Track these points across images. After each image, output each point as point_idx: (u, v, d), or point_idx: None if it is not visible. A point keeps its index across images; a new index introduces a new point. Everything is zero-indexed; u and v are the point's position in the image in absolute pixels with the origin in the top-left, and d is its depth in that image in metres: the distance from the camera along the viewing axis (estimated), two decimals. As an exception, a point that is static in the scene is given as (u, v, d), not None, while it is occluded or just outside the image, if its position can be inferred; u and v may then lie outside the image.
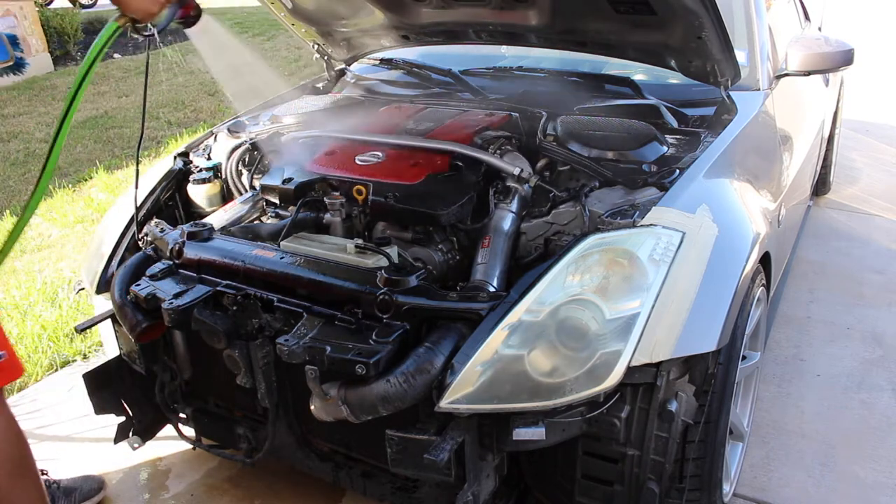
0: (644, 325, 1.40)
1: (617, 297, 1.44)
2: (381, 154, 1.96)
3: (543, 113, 2.07)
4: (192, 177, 2.24)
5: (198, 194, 2.22)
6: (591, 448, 1.53)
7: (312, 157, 2.07)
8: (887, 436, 2.25)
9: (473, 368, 1.39)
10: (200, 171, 2.25)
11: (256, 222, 2.09)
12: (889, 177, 4.51)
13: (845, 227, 3.78)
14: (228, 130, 2.37)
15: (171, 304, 1.63)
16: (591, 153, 1.85)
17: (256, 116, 2.45)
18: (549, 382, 1.38)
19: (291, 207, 1.96)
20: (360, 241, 1.70)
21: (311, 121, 2.31)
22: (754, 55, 2.36)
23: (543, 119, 2.04)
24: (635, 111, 2.12)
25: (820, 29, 4.41)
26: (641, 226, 1.56)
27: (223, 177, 2.25)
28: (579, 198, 1.75)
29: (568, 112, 2.11)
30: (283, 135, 2.25)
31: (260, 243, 1.81)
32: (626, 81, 2.33)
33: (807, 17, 3.91)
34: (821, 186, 4.05)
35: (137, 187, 2.01)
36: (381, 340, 1.44)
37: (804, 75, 2.43)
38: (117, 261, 2.00)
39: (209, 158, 2.30)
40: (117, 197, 3.25)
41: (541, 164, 1.93)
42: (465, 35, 2.36)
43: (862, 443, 2.22)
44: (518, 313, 1.43)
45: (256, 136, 2.29)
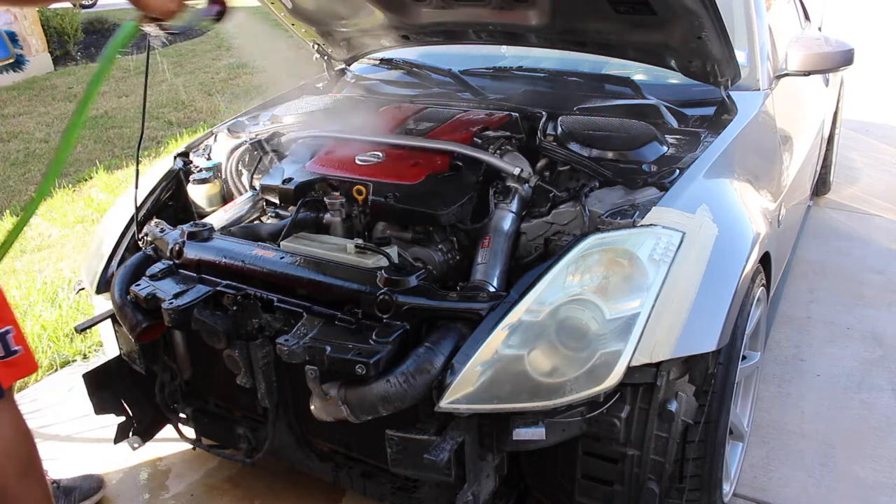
0: (644, 325, 1.40)
1: (617, 297, 1.44)
2: (381, 154, 1.97)
3: (543, 113, 2.07)
4: (192, 177, 2.24)
5: (198, 194, 2.22)
6: (591, 448, 1.53)
7: (312, 157, 2.07)
8: (887, 436, 2.25)
9: (473, 368, 1.39)
10: (200, 171, 2.25)
11: (256, 222, 2.09)
12: (889, 177, 4.51)
13: (845, 227, 3.78)
14: (228, 130, 2.37)
15: (171, 304, 1.63)
16: (591, 153, 1.85)
17: (256, 116, 2.45)
18: (549, 382, 1.38)
19: (291, 207, 1.96)
20: (360, 241, 1.70)
21: (311, 121, 2.31)
22: (754, 55, 2.36)
23: (543, 119, 2.04)
24: (635, 111, 2.12)
25: (820, 29, 4.41)
26: (641, 226, 1.56)
27: (223, 177, 2.25)
28: (579, 198, 1.75)
29: (568, 112, 2.12)
30: (283, 135, 2.26)
31: (260, 243, 1.81)
32: (626, 81, 2.33)
33: (807, 17, 3.90)
34: (821, 186, 4.05)
35: (137, 187, 2.01)
36: (381, 340, 1.44)
37: (804, 75, 2.43)
38: (117, 261, 2.01)
39: (209, 158, 2.30)
40: (117, 197, 3.25)
41: (541, 164, 1.93)
42: (465, 35, 2.35)
43: (862, 443, 2.22)
44: (518, 313, 1.43)
45: (256, 136, 2.29)
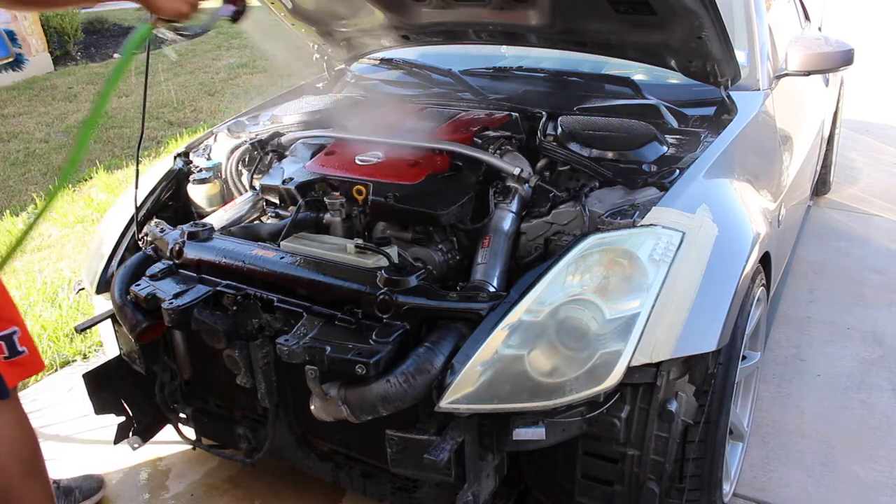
0: (644, 325, 1.40)
1: (617, 297, 1.44)
2: (381, 154, 1.97)
3: (543, 113, 2.08)
4: (192, 177, 2.24)
5: (198, 194, 2.22)
6: (591, 448, 1.53)
7: (312, 157, 2.07)
8: (887, 436, 2.25)
9: (473, 368, 1.39)
10: (200, 171, 2.25)
11: (256, 222, 2.09)
12: (889, 177, 4.50)
13: (845, 227, 3.78)
14: (228, 130, 2.37)
15: (171, 304, 1.63)
16: (591, 153, 1.85)
17: (256, 116, 2.45)
18: (549, 382, 1.38)
19: (291, 207, 1.97)
20: (360, 241, 1.70)
21: (311, 121, 2.31)
22: (754, 55, 2.36)
23: (543, 119, 2.04)
24: (635, 111, 2.12)
25: (820, 29, 4.41)
26: (641, 226, 1.56)
27: (223, 177, 2.25)
28: (579, 198, 1.75)
29: (568, 112, 2.12)
30: (283, 135, 2.26)
31: (260, 243, 1.81)
32: (626, 81, 2.33)
33: (807, 17, 3.90)
34: (821, 186, 4.05)
35: (137, 187, 2.01)
36: (381, 340, 1.44)
37: (804, 75, 2.43)
38: (117, 261, 2.01)
39: (209, 158, 2.30)
40: (117, 197, 3.25)
41: (541, 164, 1.93)
42: (465, 35, 2.35)
43: (862, 443, 2.22)
44: (518, 313, 1.43)
45: (256, 136, 2.29)
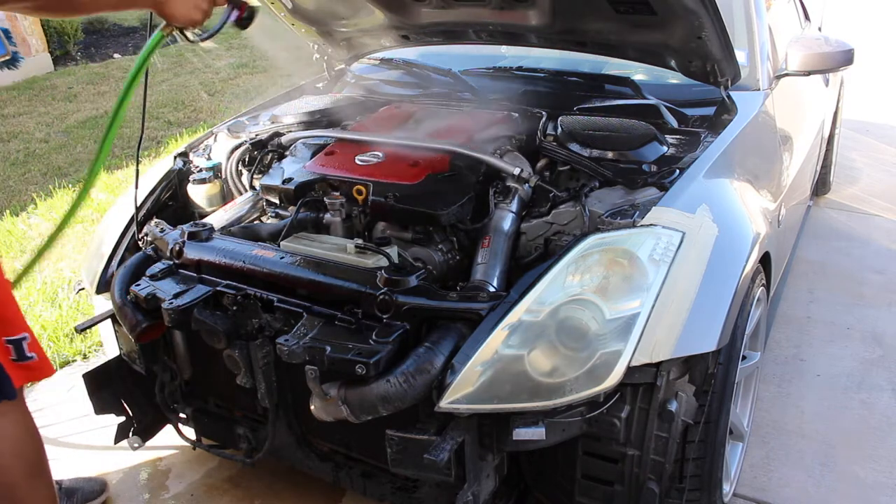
0: (644, 325, 1.40)
1: (617, 297, 1.44)
2: (381, 154, 1.96)
3: (543, 113, 2.07)
4: (192, 177, 2.24)
5: (198, 194, 2.22)
6: (591, 448, 1.53)
7: (312, 157, 2.07)
8: (887, 436, 2.25)
9: (473, 368, 1.39)
10: (200, 171, 2.25)
11: (256, 222, 2.09)
12: (889, 177, 4.50)
13: (845, 227, 3.78)
14: (228, 130, 2.37)
15: (171, 304, 1.63)
16: (591, 153, 1.85)
17: (256, 116, 2.45)
18: (549, 382, 1.38)
19: (291, 207, 1.96)
20: (360, 241, 1.70)
21: (311, 121, 2.31)
22: (754, 55, 2.36)
23: (543, 119, 2.04)
24: (635, 111, 2.12)
25: (820, 29, 4.41)
26: (641, 226, 1.56)
27: (223, 177, 2.25)
28: (579, 198, 1.75)
29: (568, 112, 2.12)
30: (283, 135, 2.26)
31: (260, 243, 1.81)
32: (626, 81, 2.33)
33: (807, 17, 3.90)
34: (821, 186, 4.05)
35: (137, 187, 2.01)
36: (381, 340, 1.44)
37: (804, 75, 2.43)
38: (117, 261, 2.01)
39: (209, 158, 2.30)
40: (117, 197, 3.25)
41: (541, 164, 1.93)
42: (465, 35, 2.35)
43: (862, 443, 2.22)
44: (518, 313, 1.43)
45: (256, 136, 2.29)
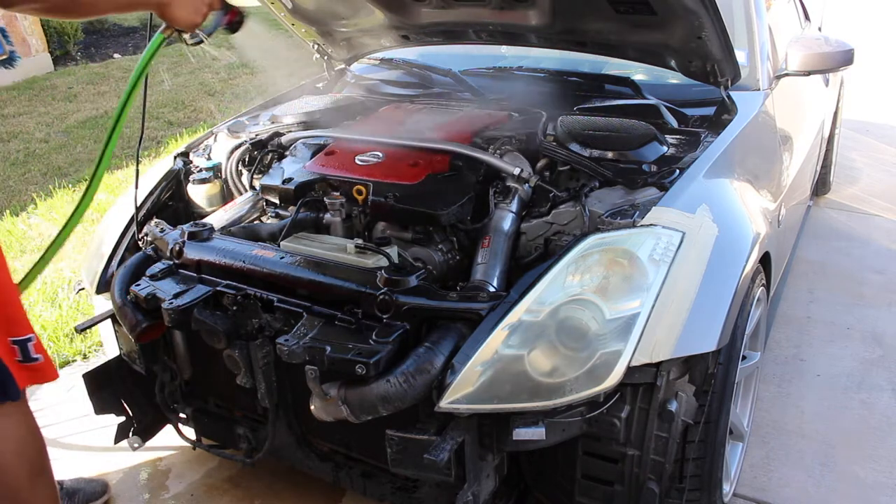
0: (644, 325, 1.40)
1: (617, 297, 1.44)
2: (381, 154, 1.96)
3: (543, 113, 2.07)
4: (192, 177, 2.24)
5: (198, 194, 2.22)
6: (591, 448, 1.53)
7: (312, 157, 2.07)
8: (887, 436, 2.25)
9: (473, 368, 1.39)
10: (200, 171, 2.25)
11: (256, 222, 2.09)
12: (889, 177, 4.50)
13: (845, 227, 3.78)
14: (228, 130, 2.37)
15: (171, 304, 1.63)
16: (591, 153, 1.85)
17: (256, 116, 2.45)
18: (549, 382, 1.38)
19: (291, 207, 1.96)
20: (360, 241, 1.70)
21: (311, 121, 2.31)
22: (754, 55, 2.36)
23: (543, 119, 2.04)
24: (635, 111, 2.12)
25: (820, 29, 4.41)
26: (641, 226, 1.56)
27: (223, 177, 2.25)
28: (579, 198, 1.75)
29: (568, 112, 2.12)
30: (283, 135, 2.26)
31: (260, 243, 1.81)
32: (626, 81, 2.33)
33: (807, 17, 3.91)
34: (821, 186, 4.05)
35: (137, 187, 2.01)
36: (381, 340, 1.44)
37: (804, 75, 2.43)
38: (117, 261, 2.01)
39: (209, 158, 2.30)
40: (117, 197, 3.25)
41: (541, 164, 1.93)
42: (465, 35, 2.35)
43: (862, 443, 2.22)
44: (518, 313, 1.43)
45: (256, 136, 2.29)
